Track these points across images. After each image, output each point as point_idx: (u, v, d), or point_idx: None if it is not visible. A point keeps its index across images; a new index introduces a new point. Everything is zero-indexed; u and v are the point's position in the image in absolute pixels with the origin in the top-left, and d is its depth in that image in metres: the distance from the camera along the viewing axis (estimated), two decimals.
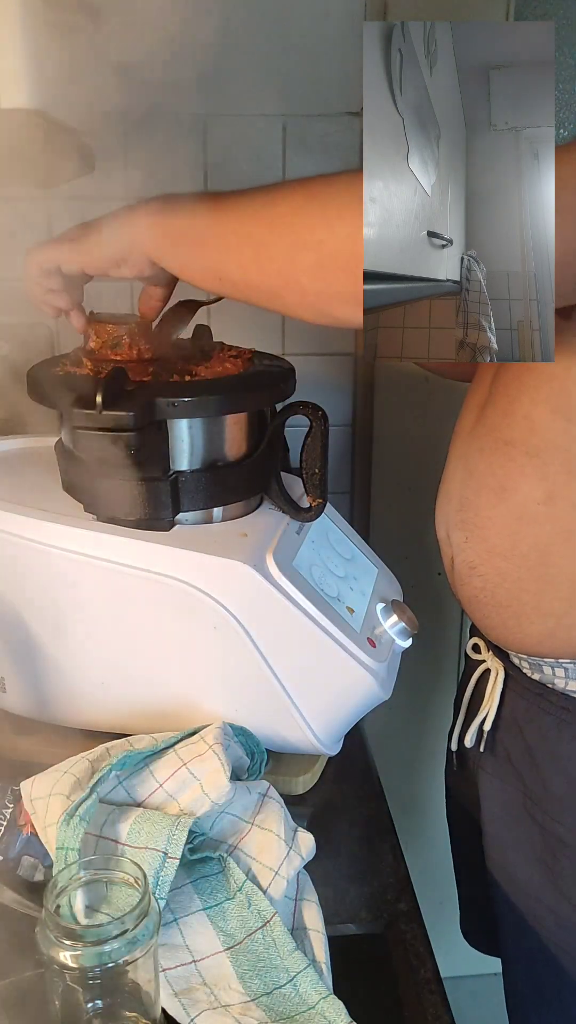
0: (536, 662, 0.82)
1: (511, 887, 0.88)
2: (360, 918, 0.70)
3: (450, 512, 0.84)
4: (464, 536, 0.81)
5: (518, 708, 0.85)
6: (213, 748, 0.68)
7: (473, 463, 0.81)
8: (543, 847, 0.83)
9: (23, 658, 0.81)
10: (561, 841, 0.82)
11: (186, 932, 0.62)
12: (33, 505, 0.78)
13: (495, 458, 0.78)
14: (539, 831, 0.84)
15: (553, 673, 0.81)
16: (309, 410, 0.79)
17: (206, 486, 0.79)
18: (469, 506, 0.81)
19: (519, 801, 0.86)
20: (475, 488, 0.80)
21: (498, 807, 0.89)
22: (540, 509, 0.75)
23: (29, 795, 0.66)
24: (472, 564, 0.81)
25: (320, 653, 0.75)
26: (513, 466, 0.76)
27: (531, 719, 0.83)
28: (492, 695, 0.87)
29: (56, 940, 0.51)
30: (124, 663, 0.79)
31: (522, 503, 0.76)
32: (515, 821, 0.86)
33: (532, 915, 0.85)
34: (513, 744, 0.86)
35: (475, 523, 0.80)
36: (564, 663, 0.80)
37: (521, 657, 0.83)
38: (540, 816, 0.83)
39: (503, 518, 0.77)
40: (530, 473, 0.75)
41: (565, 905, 0.82)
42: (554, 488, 0.74)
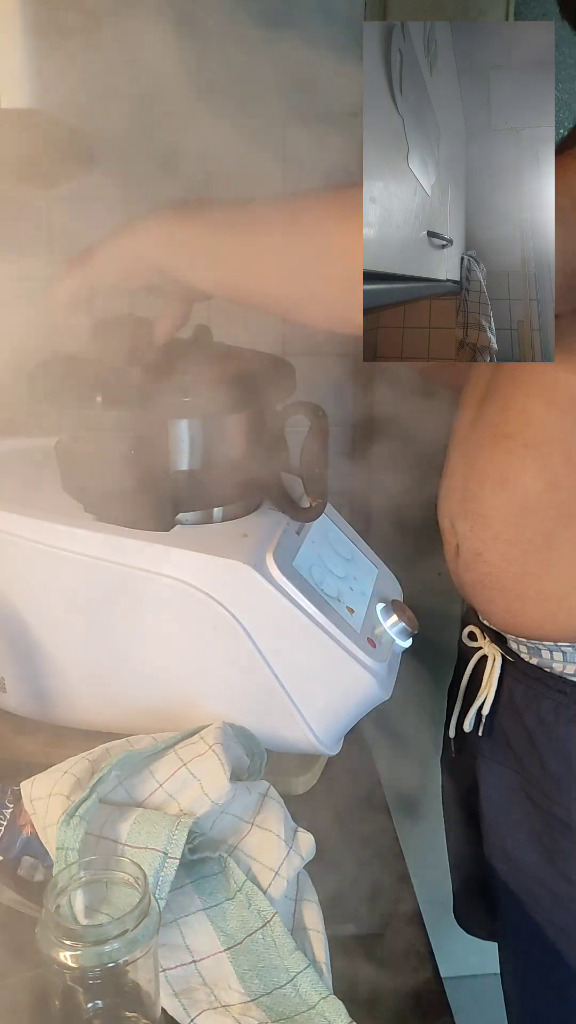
0: (535, 646, 0.83)
1: (509, 869, 0.89)
2: (360, 918, 0.70)
3: (453, 504, 0.86)
4: (469, 525, 0.84)
5: (516, 692, 0.87)
6: (213, 748, 0.67)
7: (474, 457, 0.83)
8: (541, 828, 0.85)
9: (23, 658, 0.81)
10: (559, 821, 0.83)
11: (186, 932, 0.62)
12: (33, 505, 0.78)
13: (496, 451, 0.80)
14: (538, 813, 0.85)
15: (551, 657, 0.82)
16: (309, 410, 0.79)
17: (206, 486, 0.79)
18: (473, 497, 0.83)
19: (517, 784, 0.88)
20: (478, 480, 0.82)
21: (497, 790, 0.90)
22: (542, 497, 0.77)
23: (29, 795, 0.66)
24: (478, 551, 0.83)
25: (320, 653, 0.75)
26: (513, 458, 0.78)
27: (529, 703, 0.85)
28: (490, 680, 0.89)
29: (56, 940, 0.51)
30: (124, 663, 0.79)
31: (524, 492, 0.78)
32: (514, 804, 0.88)
33: (530, 896, 0.87)
34: (511, 728, 0.87)
35: (479, 513, 0.82)
36: (563, 646, 0.81)
37: (520, 642, 0.85)
38: (538, 798, 0.85)
39: (507, 507, 0.80)
40: (530, 464, 0.77)
41: (563, 884, 0.84)
42: (554, 477, 0.77)
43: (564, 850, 0.83)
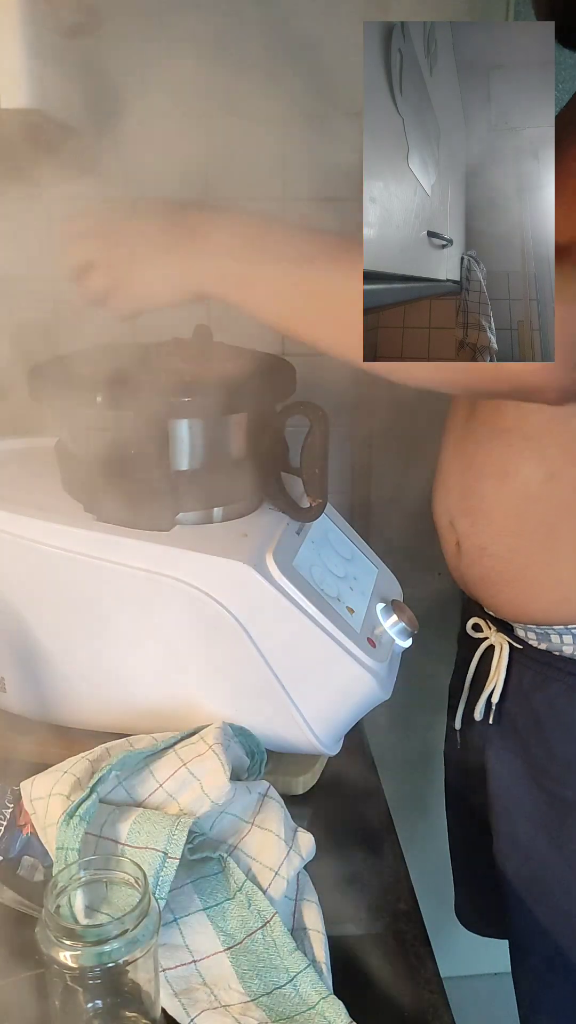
0: (544, 632, 0.84)
1: (518, 859, 0.90)
2: (360, 918, 0.70)
3: (451, 502, 0.87)
4: (470, 521, 0.85)
5: (525, 678, 0.88)
6: (213, 748, 0.68)
7: (471, 453, 0.84)
8: (550, 814, 0.86)
9: (23, 658, 0.81)
10: (569, 805, 0.84)
11: (186, 932, 0.62)
12: (33, 505, 0.78)
13: (493, 446, 0.81)
14: (546, 798, 0.86)
15: (561, 640, 0.83)
16: (309, 410, 0.79)
17: (206, 486, 0.79)
18: (472, 493, 0.84)
19: (525, 771, 0.88)
20: (476, 476, 0.83)
21: (505, 778, 0.91)
22: (543, 488, 0.79)
23: (29, 795, 0.66)
24: (482, 546, 0.84)
25: (320, 653, 0.75)
26: (512, 451, 0.79)
27: (538, 687, 0.86)
28: (498, 668, 0.90)
29: (56, 940, 0.51)
30: (124, 663, 0.79)
31: (524, 484, 0.79)
32: (522, 790, 0.89)
33: (539, 886, 0.88)
34: (520, 714, 0.88)
35: (481, 508, 0.83)
36: (572, 628, 0.82)
37: (528, 628, 0.86)
38: (548, 783, 0.86)
39: (508, 500, 0.81)
40: (529, 456, 0.79)
41: (572, 873, 0.84)
42: (553, 468, 0.78)
43: (574, 837, 0.84)
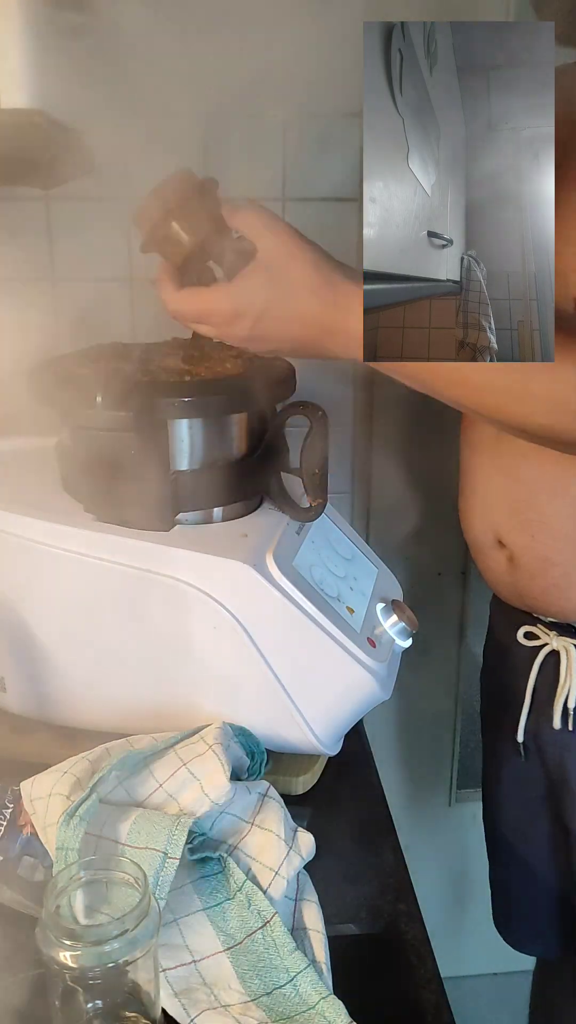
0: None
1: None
2: (360, 918, 0.70)
3: (498, 519, 0.88)
4: (529, 536, 0.86)
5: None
6: (213, 748, 0.67)
7: (514, 467, 0.85)
8: None
9: (23, 658, 0.81)
10: None
11: (186, 932, 0.62)
12: (33, 505, 0.78)
13: (543, 461, 0.81)
14: None
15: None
16: (309, 410, 0.79)
17: (206, 486, 0.79)
18: (527, 508, 0.85)
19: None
20: (528, 492, 0.85)
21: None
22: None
23: (29, 795, 0.66)
24: (546, 557, 0.86)
25: (320, 653, 0.75)
26: (564, 462, 0.80)
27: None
28: (570, 672, 0.90)
29: (56, 940, 0.51)
30: (124, 663, 0.79)
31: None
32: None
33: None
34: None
35: (539, 522, 0.85)
36: None
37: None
38: None
39: (568, 508, 0.83)
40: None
41: None
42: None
43: None
